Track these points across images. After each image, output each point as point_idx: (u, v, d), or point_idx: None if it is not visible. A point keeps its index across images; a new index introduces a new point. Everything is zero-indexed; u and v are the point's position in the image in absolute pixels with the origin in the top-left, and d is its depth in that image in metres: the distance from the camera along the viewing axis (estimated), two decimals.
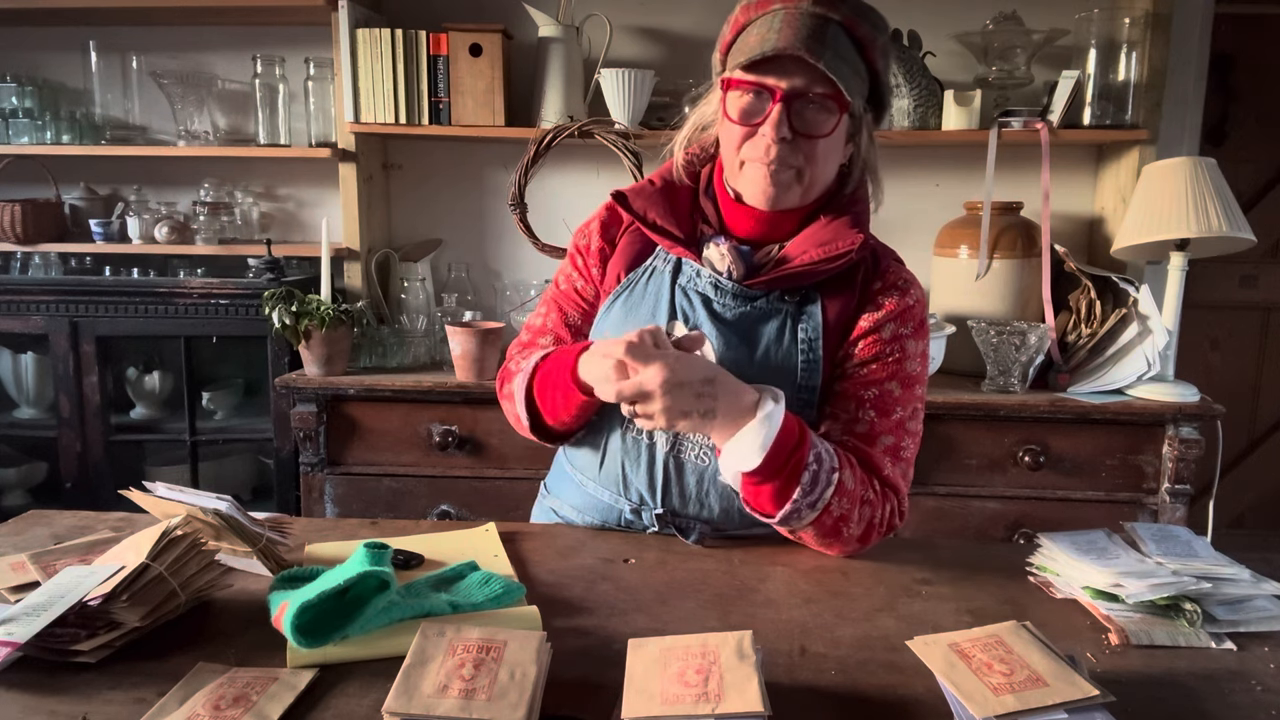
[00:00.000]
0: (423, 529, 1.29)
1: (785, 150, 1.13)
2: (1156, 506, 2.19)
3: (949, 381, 2.33)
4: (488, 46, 2.44)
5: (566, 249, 1.38)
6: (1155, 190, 2.22)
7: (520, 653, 0.84)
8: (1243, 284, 3.46)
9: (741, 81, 1.13)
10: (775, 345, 1.19)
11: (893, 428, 1.19)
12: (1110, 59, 2.41)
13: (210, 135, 2.70)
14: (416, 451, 2.32)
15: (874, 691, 0.87)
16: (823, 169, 1.17)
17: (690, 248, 1.23)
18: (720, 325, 1.20)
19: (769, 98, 1.12)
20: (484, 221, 2.81)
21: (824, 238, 1.19)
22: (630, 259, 1.28)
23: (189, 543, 1.01)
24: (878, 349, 1.20)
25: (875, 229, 1.30)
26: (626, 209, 1.25)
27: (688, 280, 1.23)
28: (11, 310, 2.51)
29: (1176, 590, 1.01)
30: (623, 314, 1.25)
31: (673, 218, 1.24)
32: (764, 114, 1.12)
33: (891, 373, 1.20)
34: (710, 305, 1.21)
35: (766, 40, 1.09)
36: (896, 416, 1.20)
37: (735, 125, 1.15)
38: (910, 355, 1.21)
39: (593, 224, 1.34)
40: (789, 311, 1.20)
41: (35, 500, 2.73)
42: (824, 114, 1.12)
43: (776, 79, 1.11)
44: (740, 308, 1.21)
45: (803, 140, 1.13)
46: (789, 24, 1.09)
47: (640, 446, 1.23)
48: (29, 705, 0.83)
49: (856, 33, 1.13)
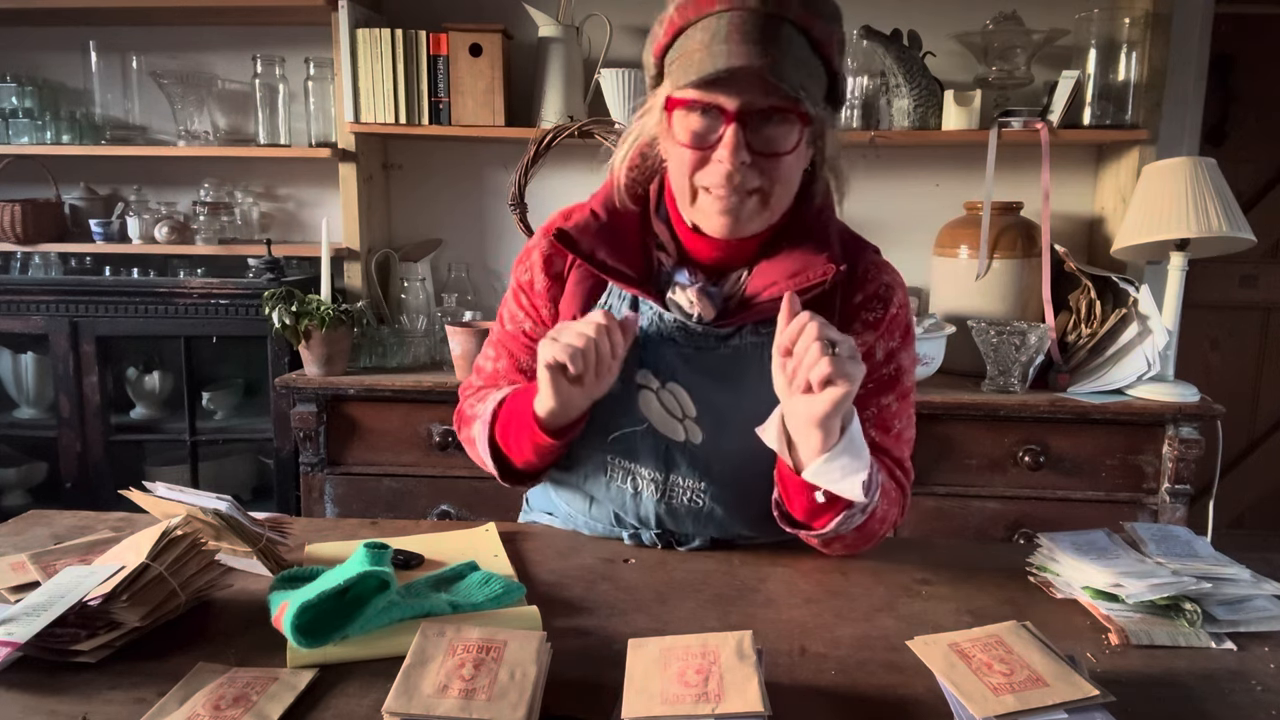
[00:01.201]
0: (423, 529, 1.29)
1: (746, 175, 1.00)
2: (1156, 506, 2.19)
3: (949, 381, 2.33)
4: (488, 46, 2.44)
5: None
6: (1155, 190, 2.22)
7: (520, 653, 0.84)
8: (1243, 284, 3.46)
9: (687, 100, 1.00)
10: (759, 384, 1.06)
11: (893, 442, 1.17)
12: (1110, 59, 2.41)
13: (210, 135, 2.70)
14: (416, 451, 2.33)
15: (874, 691, 0.87)
16: (787, 187, 1.05)
17: (648, 286, 1.11)
18: (697, 372, 1.11)
19: (721, 117, 0.99)
20: (484, 221, 2.81)
21: (793, 266, 1.08)
22: (583, 298, 1.16)
23: (189, 543, 1.01)
24: (875, 371, 1.14)
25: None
26: (573, 250, 1.12)
27: (649, 323, 1.12)
28: (11, 310, 2.51)
29: (1176, 590, 1.00)
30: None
31: (624, 254, 1.12)
32: (717, 136, 0.99)
33: (887, 389, 1.15)
34: (680, 350, 1.11)
35: (714, 52, 0.95)
36: (896, 430, 1.17)
37: (685, 149, 1.02)
38: (904, 369, 1.17)
39: (533, 257, 1.20)
40: (765, 344, 1.07)
41: (35, 500, 2.73)
42: (784, 128, 1.00)
43: (729, 96, 0.97)
44: (715, 349, 1.11)
45: (763, 160, 1.01)
46: (736, 28, 0.96)
47: (625, 495, 1.17)
48: (29, 705, 0.83)
49: (812, 32, 1.00)
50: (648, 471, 1.14)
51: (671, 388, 1.13)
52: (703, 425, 1.13)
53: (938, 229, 2.53)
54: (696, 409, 1.12)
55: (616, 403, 1.12)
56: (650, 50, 1.07)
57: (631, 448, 1.14)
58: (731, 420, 1.10)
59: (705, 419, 1.12)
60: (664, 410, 1.13)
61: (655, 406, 1.13)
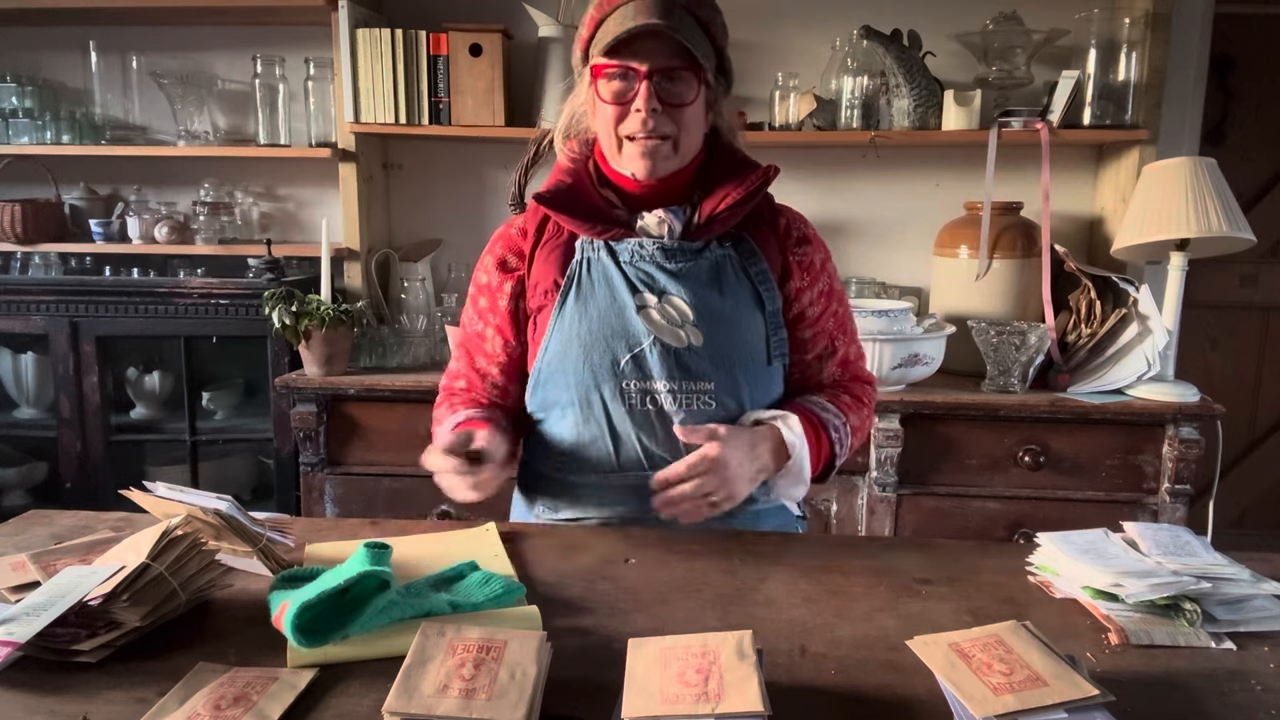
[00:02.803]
0: (423, 529, 1.29)
1: (658, 121, 1.23)
2: (1156, 506, 2.19)
3: (949, 381, 2.33)
4: (488, 46, 2.44)
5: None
6: (1155, 190, 2.22)
7: (520, 653, 0.84)
8: (1243, 284, 3.46)
9: (608, 66, 1.23)
10: (736, 284, 1.30)
11: (850, 337, 1.41)
12: (1110, 59, 2.41)
13: (210, 135, 2.70)
14: (416, 451, 2.28)
15: (874, 691, 0.87)
16: (693, 134, 1.28)
17: (617, 229, 1.31)
18: (683, 281, 1.28)
19: (635, 77, 1.22)
20: (484, 221, 2.81)
21: (734, 180, 1.30)
22: (559, 263, 1.32)
23: (189, 543, 1.01)
24: (819, 280, 1.35)
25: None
26: (553, 209, 1.32)
27: (631, 255, 1.30)
28: (11, 310, 2.51)
29: (1176, 590, 1.00)
30: (578, 311, 1.29)
31: (592, 209, 1.32)
32: (634, 92, 1.23)
33: (832, 298, 1.37)
34: (665, 269, 1.28)
35: (624, 24, 1.19)
36: (849, 329, 1.41)
37: (609, 105, 1.25)
38: (833, 274, 1.39)
39: (485, 261, 1.39)
40: (731, 254, 1.31)
41: (35, 500, 2.73)
42: (685, 85, 1.23)
43: (639, 61, 1.21)
44: (691, 261, 1.29)
45: (671, 110, 1.23)
46: (641, 10, 1.20)
47: (650, 416, 1.28)
48: (29, 705, 0.83)
49: (699, 14, 1.24)
50: (663, 384, 1.26)
51: (668, 300, 1.28)
52: (701, 328, 1.27)
53: (938, 229, 2.53)
54: (694, 314, 1.27)
55: (623, 329, 1.26)
56: (578, 45, 1.30)
57: (642, 364, 1.26)
58: (724, 317, 1.28)
59: (703, 322, 1.27)
60: (665, 321, 1.27)
61: (657, 318, 1.27)
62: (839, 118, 2.48)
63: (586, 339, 1.27)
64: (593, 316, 1.27)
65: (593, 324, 1.27)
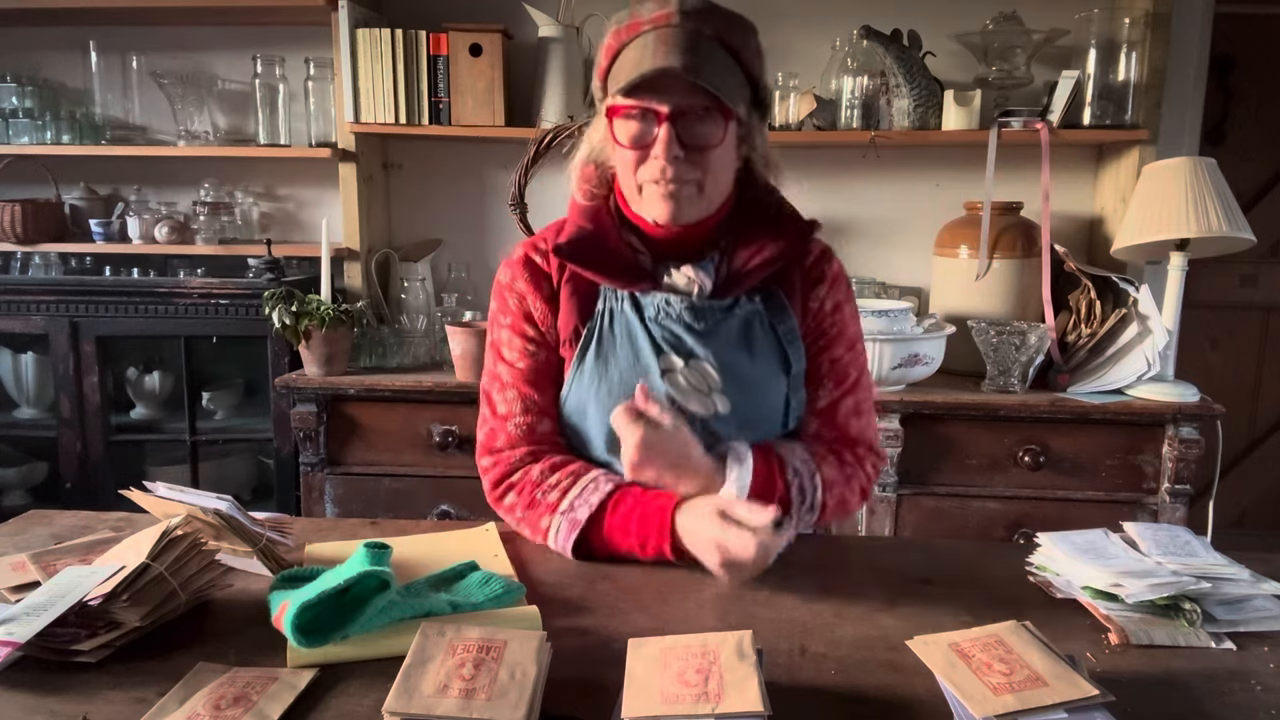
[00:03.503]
0: (423, 529, 1.29)
1: (681, 167, 1.13)
2: (1156, 506, 2.19)
3: (949, 381, 2.33)
4: (488, 46, 2.44)
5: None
6: (1155, 190, 2.22)
7: (520, 653, 0.84)
8: (1243, 284, 3.46)
9: (625, 107, 1.13)
10: (764, 345, 1.23)
11: (850, 390, 1.28)
12: (1110, 59, 2.41)
13: (210, 135, 2.70)
14: (416, 451, 2.33)
15: (874, 691, 0.87)
16: (720, 178, 1.18)
17: (643, 281, 1.22)
18: (711, 342, 1.21)
19: (654, 119, 1.12)
20: (484, 221, 2.81)
21: (770, 232, 1.22)
22: (580, 310, 1.23)
23: (189, 543, 1.01)
24: (824, 323, 1.27)
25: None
26: (574, 262, 1.22)
27: (657, 312, 1.21)
28: (11, 310, 2.51)
29: (1176, 590, 1.00)
30: (598, 369, 1.21)
31: (616, 258, 1.22)
32: (653, 136, 1.12)
33: (835, 343, 1.27)
34: (693, 329, 1.21)
35: (643, 62, 1.09)
36: (851, 380, 1.28)
37: (627, 150, 1.15)
38: (848, 318, 1.29)
39: (517, 284, 1.26)
40: (760, 310, 1.23)
41: (35, 500, 2.73)
42: (710, 126, 1.12)
43: (659, 100, 1.11)
44: (724, 320, 1.22)
45: (695, 154, 1.13)
46: (662, 42, 1.10)
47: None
48: (29, 705, 0.83)
49: (729, 43, 1.13)
50: None
51: (695, 364, 1.21)
52: (729, 394, 1.21)
53: (938, 229, 2.53)
54: (721, 379, 1.20)
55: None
56: (595, 75, 1.20)
57: None
58: (752, 382, 1.21)
59: (730, 387, 1.21)
60: (691, 387, 1.20)
61: (683, 384, 1.20)
62: (839, 118, 2.48)
63: (607, 401, 1.20)
64: (613, 378, 1.20)
65: (613, 385, 1.20)
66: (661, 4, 1.13)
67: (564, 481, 1.20)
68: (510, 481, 1.23)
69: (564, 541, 1.17)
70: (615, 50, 1.15)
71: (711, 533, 1.05)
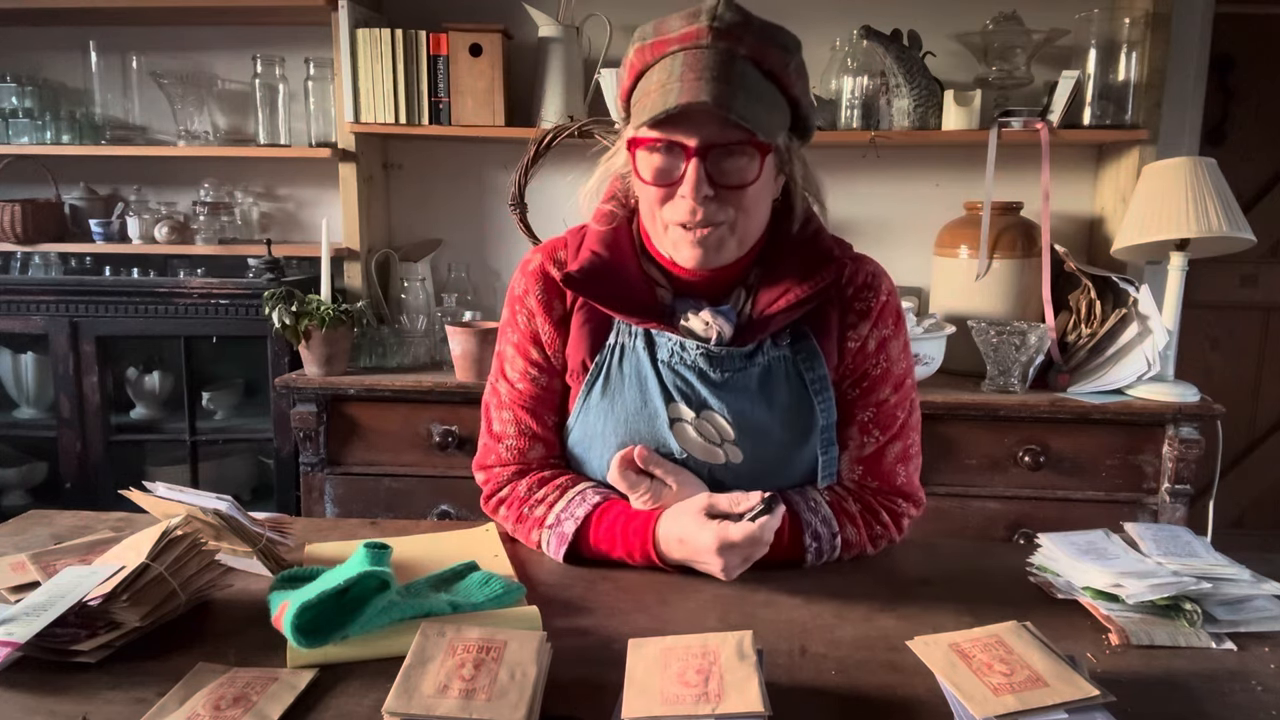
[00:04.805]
0: (423, 529, 1.29)
1: (711, 208, 1.02)
2: (1156, 506, 2.19)
3: (949, 381, 2.33)
4: (488, 46, 2.44)
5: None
6: (1155, 190, 2.22)
7: (520, 653, 0.84)
8: (1243, 284, 3.46)
9: (649, 140, 1.02)
10: (787, 394, 1.13)
11: (897, 434, 1.19)
12: (1110, 59, 2.41)
13: (210, 135, 2.70)
14: (416, 451, 2.32)
15: (874, 691, 0.87)
16: (755, 216, 1.07)
17: (660, 320, 1.12)
18: (726, 394, 1.12)
19: (682, 154, 1.01)
20: (484, 221, 2.81)
21: (800, 269, 1.11)
22: (590, 341, 1.16)
23: (189, 543, 1.01)
24: (866, 363, 1.17)
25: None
26: (585, 294, 1.13)
27: (670, 355, 1.13)
28: (11, 310, 2.51)
29: (1176, 590, 1.00)
30: (604, 408, 1.15)
31: (632, 291, 1.13)
32: (680, 173, 1.01)
33: (880, 383, 1.17)
34: (708, 378, 1.13)
35: (669, 91, 0.98)
36: (900, 422, 1.19)
37: (651, 187, 1.04)
38: (895, 357, 1.18)
39: (528, 300, 1.20)
40: (787, 357, 1.14)
41: (35, 500, 2.73)
42: (744, 160, 1.02)
43: (686, 133, 1.00)
44: (740, 369, 1.13)
45: (727, 192, 1.02)
46: (691, 68, 0.98)
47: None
48: (29, 705, 0.83)
49: (766, 64, 1.02)
50: None
51: (707, 415, 1.13)
52: (742, 445, 1.14)
53: (938, 229, 2.53)
54: (735, 431, 1.13)
55: (652, 439, 1.14)
56: (618, 94, 1.10)
57: None
58: (770, 433, 1.12)
59: (744, 438, 1.13)
60: (702, 439, 1.13)
61: (693, 436, 1.13)
62: (839, 118, 2.48)
63: (611, 440, 1.14)
64: (619, 419, 1.14)
65: (619, 426, 1.14)
66: (690, 17, 1.01)
67: (550, 495, 1.17)
68: (500, 496, 1.23)
69: (554, 555, 1.16)
70: (639, 70, 1.05)
71: (693, 530, 1.04)
